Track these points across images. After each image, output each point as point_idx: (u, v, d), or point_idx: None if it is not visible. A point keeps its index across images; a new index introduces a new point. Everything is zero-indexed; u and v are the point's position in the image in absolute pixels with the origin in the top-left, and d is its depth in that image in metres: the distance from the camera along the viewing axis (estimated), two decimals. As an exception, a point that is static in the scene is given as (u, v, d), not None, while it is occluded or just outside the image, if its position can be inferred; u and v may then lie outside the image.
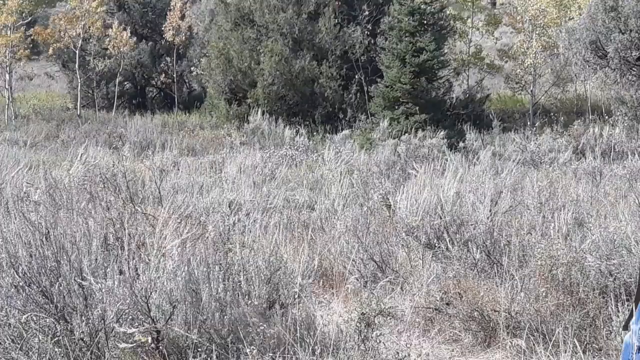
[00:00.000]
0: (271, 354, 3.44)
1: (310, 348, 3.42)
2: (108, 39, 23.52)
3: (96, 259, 3.77)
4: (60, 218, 4.02)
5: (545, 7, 20.51)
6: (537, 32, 20.71)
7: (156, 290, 3.55)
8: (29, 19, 24.69)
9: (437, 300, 4.58)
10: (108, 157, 10.29)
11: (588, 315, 3.99)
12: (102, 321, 3.41)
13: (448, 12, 21.31)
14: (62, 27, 22.80)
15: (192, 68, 24.91)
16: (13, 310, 3.47)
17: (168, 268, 3.67)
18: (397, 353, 3.52)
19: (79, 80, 22.85)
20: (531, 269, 4.39)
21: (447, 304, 4.43)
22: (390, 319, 4.59)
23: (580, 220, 5.79)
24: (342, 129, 17.64)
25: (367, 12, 19.93)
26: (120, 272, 3.58)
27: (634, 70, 16.16)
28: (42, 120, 21.57)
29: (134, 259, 3.69)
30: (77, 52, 22.84)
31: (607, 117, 17.09)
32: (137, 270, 3.59)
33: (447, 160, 10.29)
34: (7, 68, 22.54)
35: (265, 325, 3.56)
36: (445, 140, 14.17)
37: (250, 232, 5.72)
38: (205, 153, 14.84)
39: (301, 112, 19.50)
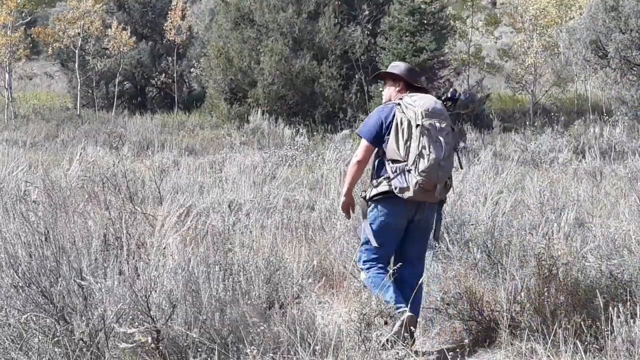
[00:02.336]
0: (271, 354, 3.43)
1: (311, 348, 3.42)
2: (107, 38, 23.52)
3: (96, 259, 3.76)
4: (59, 218, 4.01)
5: (545, 7, 20.51)
6: (537, 32, 20.71)
7: (156, 290, 3.54)
8: (29, 18, 24.68)
9: (437, 300, 4.57)
10: (108, 157, 10.29)
11: (589, 315, 3.99)
12: (102, 321, 3.40)
13: (448, 12, 21.32)
14: (61, 27, 22.80)
15: (192, 69, 24.92)
16: (13, 310, 3.47)
17: (168, 267, 3.67)
18: (397, 353, 3.51)
19: (79, 80, 22.85)
20: (531, 269, 4.38)
21: (447, 304, 4.43)
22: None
23: (580, 220, 5.79)
24: (342, 129, 17.64)
25: (367, 12, 19.92)
26: (120, 272, 3.58)
27: (634, 70, 16.16)
28: (41, 120, 21.57)
29: (133, 258, 3.69)
30: (76, 51, 22.84)
31: (607, 117, 17.08)
32: (137, 270, 3.59)
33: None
34: (7, 68, 22.54)
35: (265, 325, 3.56)
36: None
37: (250, 232, 5.72)
38: (205, 153, 14.84)
39: (301, 112, 19.50)
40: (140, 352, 3.42)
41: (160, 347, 3.45)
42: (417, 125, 3.88)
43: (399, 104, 4.02)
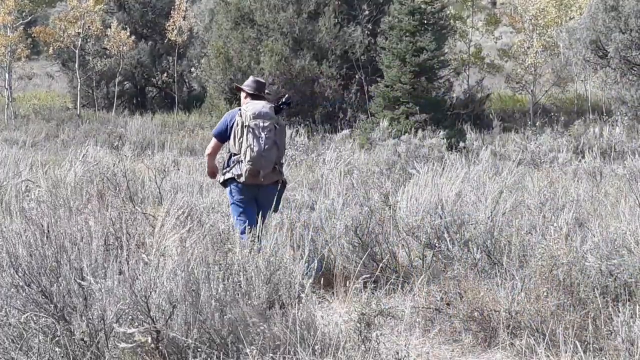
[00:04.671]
0: (271, 354, 3.43)
1: (311, 348, 3.42)
2: (107, 38, 23.51)
3: (96, 259, 3.76)
4: (60, 217, 4.01)
5: (545, 7, 20.51)
6: (537, 32, 20.71)
7: (156, 290, 3.54)
8: (29, 18, 24.67)
9: (437, 300, 4.57)
10: (108, 157, 10.28)
11: (588, 315, 3.99)
12: (102, 321, 3.40)
13: (448, 12, 21.31)
14: (62, 27, 22.79)
15: (192, 69, 24.90)
16: (13, 310, 3.47)
17: (168, 268, 3.67)
18: (397, 353, 3.51)
19: (79, 80, 22.84)
20: (532, 269, 4.38)
21: (447, 304, 4.43)
22: (390, 319, 4.58)
23: (580, 221, 5.78)
24: (342, 129, 17.63)
25: (367, 12, 19.93)
26: (120, 272, 3.58)
27: (634, 70, 16.16)
28: (42, 120, 21.56)
29: (133, 259, 3.69)
30: (76, 51, 22.83)
31: (607, 117, 17.08)
32: (136, 270, 3.58)
33: (446, 160, 10.27)
34: (7, 67, 22.52)
35: (265, 326, 3.56)
36: (446, 140, 14.17)
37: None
38: (206, 153, 14.80)
39: (301, 112, 19.50)
40: (140, 352, 3.42)
41: (160, 347, 3.45)
42: (246, 126, 5.15)
43: (240, 110, 5.30)
